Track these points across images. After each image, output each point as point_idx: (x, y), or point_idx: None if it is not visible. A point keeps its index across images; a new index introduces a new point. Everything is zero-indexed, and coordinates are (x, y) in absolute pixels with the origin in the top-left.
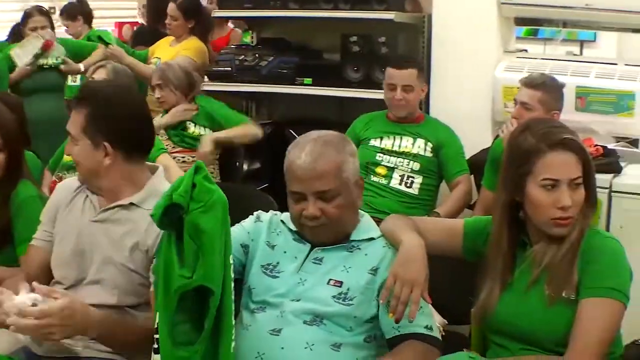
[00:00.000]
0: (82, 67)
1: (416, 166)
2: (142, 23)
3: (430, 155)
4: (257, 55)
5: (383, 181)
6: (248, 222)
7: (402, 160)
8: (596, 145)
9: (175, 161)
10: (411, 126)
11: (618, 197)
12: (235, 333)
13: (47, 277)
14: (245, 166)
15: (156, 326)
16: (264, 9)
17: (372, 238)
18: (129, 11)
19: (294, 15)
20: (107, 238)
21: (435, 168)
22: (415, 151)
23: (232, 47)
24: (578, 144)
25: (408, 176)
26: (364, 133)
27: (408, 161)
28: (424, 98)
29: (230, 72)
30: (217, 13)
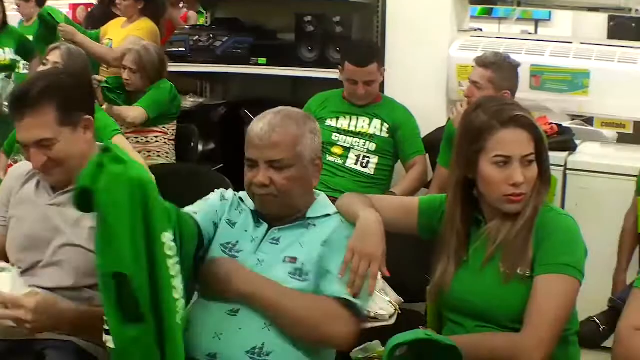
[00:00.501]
0: None
1: (372, 146)
2: (95, 4)
3: (386, 135)
4: (212, 35)
5: (339, 161)
6: (215, 200)
7: (359, 140)
8: (551, 123)
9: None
10: (368, 106)
11: (573, 175)
12: (193, 315)
13: (3, 261)
14: (200, 147)
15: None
16: None
17: (328, 215)
18: None
19: None
20: (65, 221)
21: (391, 148)
22: (371, 131)
23: (186, 28)
24: (529, 121)
25: (364, 156)
26: (320, 112)
27: (364, 141)
28: None
29: (184, 53)
30: None
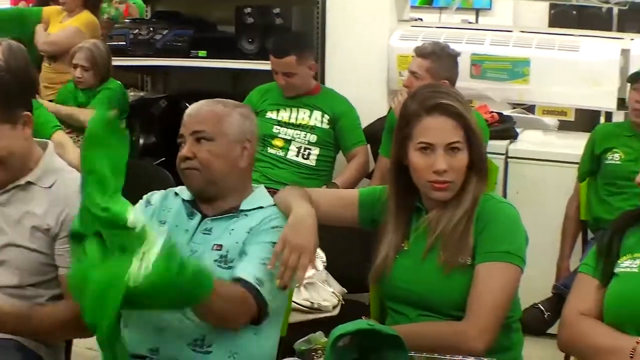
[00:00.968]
0: None
1: (313, 138)
2: None
3: (327, 127)
4: (152, 28)
5: (280, 153)
6: (139, 210)
7: (299, 132)
8: (492, 112)
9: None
10: (308, 98)
11: (514, 163)
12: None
13: None
14: (141, 141)
15: None
16: None
17: (261, 207)
18: None
19: None
20: (6, 221)
21: (332, 139)
22: (312, 123)
23: (126, 21)
24: (455, 109)
25: (305, 148)
26: (261, 105)
27: (305, 133)
28: (319, 69)
29: (124, 47)
30: None
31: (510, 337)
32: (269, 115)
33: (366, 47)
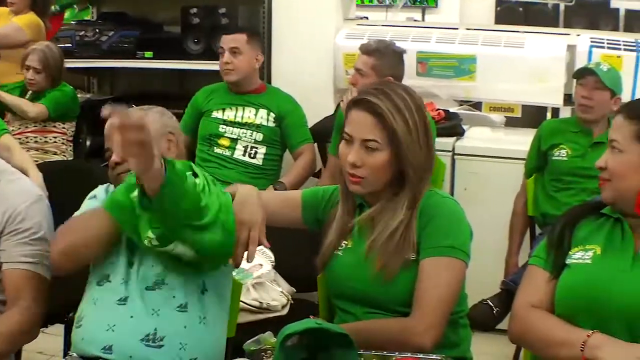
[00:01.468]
0: None
1: (259, 136)
2: None
3: (273, 125)
4: (98, 30)
5: (227, 152)
6: (87, 206)
7: (245, 131)
8: (438, 109)
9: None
10: (253, 96)
11: (461, 160)
12: (84, 310)
13: None
14: (88, 142)
15: None
16: None
17: None
18: None
19: None
20: None
21: (278, 138)
22: (258, 122)
23: (73, 23)
24: (377, 108)
25: (252, 147)
26: (206, 105)
27: (251, 132)
28: (266, 69)
29: (71, 48)
30: None
31: (458, 333)
32: (215, 114)
33: (312, 46)
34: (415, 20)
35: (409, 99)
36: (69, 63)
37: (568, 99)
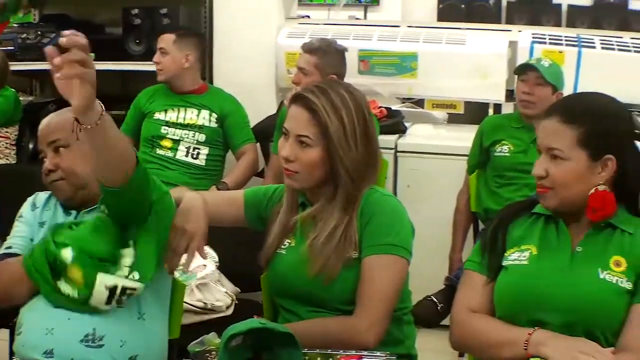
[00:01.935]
0: None
1: (202, 137)
2: None
3: (215, 125)
4: (40, 32)
5: (169, 154)
6: (27, 215)
7: (188, 132)
8: (380, 107)
9: None
10: (195, 97)
11: (403, 157)
12: (23, 316)
13: None
14: (30, 145)
15: None
16: None
17: None
18: None
19: None
20: None
21: (221, 138)
22: (200, 122)
23: (15, 26)
24: (313, 104)
25: (194, 148)
26: (148, 106)
27: (193, 133)
28: (207, 69)
29: (13, 51)
30: None
31: (402, 330)
32: (157, 116)
33: (254, 46)
34: (357, 18)
35: (349, 98)
36: (12, 66)
37: (510, 95)
